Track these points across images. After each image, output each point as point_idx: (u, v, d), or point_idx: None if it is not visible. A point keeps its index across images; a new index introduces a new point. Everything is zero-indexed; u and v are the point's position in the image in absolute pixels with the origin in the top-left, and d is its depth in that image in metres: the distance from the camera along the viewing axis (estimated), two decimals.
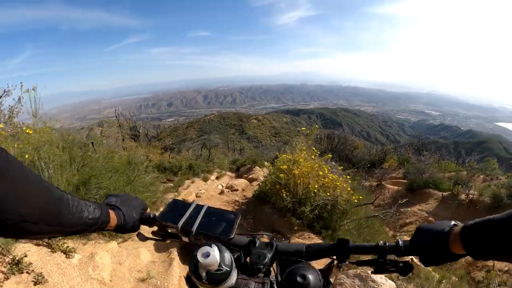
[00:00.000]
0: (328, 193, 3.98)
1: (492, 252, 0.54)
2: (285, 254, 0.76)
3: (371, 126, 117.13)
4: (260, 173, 8.45)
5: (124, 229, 0.76)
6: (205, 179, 7.41)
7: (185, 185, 6.32)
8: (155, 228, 0.83)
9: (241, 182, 7.00)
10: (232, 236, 0.75)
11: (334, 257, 0.76)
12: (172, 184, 6.09)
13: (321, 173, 4.05)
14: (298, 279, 0.66)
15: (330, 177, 4.03)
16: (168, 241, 0.85)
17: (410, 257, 0.89)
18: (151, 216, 0.82)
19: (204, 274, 0.61)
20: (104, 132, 5.75)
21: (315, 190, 3.90)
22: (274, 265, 0.75)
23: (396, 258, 0.72)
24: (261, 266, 0.72)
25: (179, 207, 0.83)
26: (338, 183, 3.98)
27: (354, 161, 12.19)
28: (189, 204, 0.84)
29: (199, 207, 0.83)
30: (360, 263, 0.75)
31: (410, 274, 0.71)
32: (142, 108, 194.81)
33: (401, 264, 0.70)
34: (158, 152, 8.44)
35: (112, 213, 0.72)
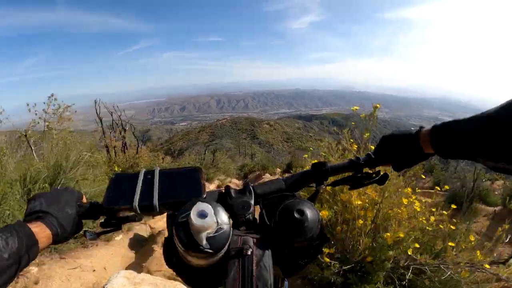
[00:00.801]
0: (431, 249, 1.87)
1: (458, 152, 0.55)
2: (268, 195, 0.68)
3: (384, 132, 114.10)
4: None
5: (65, 236, 0.54)
6: None
7: None
8: (102, 218, 0.63)
9: None
10: (205, 195, 0.62)
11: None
12: None
13: (405, 201, 1.97)
14: (296, 215, 0.56)
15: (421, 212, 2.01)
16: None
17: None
18: (93, 204, 0.61)
19: (205, 241, 0.48)
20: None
21: (404, 246, 1.84)
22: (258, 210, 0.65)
23: (369, 170, 0.72)
24: (249, 216, 0.61)
25: (125, 181, 0.64)
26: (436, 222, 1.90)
27: None
28: (136, 174, 0.65)
29: (149, 174, 0.65)
30: (337, 183, 0.74)
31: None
32: (155, 112, 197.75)
33: (374, 175, 0.71)
34: (147, 154, 7.52)
35: (37, 227, 0.50)
